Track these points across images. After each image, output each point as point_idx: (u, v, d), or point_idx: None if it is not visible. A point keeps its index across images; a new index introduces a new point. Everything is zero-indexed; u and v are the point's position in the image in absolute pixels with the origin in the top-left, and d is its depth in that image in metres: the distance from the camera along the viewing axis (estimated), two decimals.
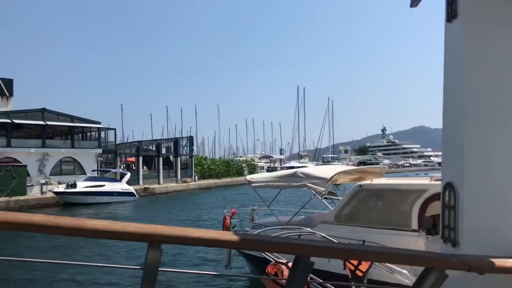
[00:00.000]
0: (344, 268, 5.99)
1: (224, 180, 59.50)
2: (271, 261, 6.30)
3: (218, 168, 63.42)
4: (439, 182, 7.64)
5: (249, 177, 11.73)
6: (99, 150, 44.58)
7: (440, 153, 3.86)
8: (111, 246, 16.53)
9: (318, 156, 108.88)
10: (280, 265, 6.01)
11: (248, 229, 10.75)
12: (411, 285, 2.67)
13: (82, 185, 35.02)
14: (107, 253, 15.89)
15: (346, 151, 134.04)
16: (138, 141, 69.85)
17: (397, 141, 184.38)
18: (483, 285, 2.70)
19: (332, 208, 10.17)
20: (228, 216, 10.71)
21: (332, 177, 9.92)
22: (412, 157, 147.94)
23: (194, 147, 63.19)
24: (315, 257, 2.48)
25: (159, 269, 2.04)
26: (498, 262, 2.52)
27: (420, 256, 2.63)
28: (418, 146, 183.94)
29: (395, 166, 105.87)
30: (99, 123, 46.23)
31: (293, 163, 75.99)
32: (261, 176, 12.03)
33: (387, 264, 6.72)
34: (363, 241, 7.61)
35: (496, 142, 3.01)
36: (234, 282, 11.37)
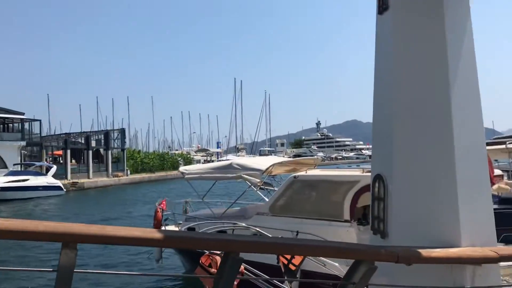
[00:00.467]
0: (278, 262, 5.97)
1: (158, 174, 58.45)
2: (205, 252, 6.14)
3: (152, 162, 62.03)
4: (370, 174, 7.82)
5: (182, 168, 11.47)
6: (23, 143, 41.97)
7: (371, 146, 3.94)
8: (26, 247, 15.08)
9: (255, 149, 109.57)
10: (214, 256, 5.87)
11: (181, 222, 10.52)
12: (342, 276, 2.65)
13: (2, 180, 32.85)
14: (22, 255, 14.52)
15: (282, 144, 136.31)
16: (66, 133, 66.63)
17: (330, 134, 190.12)
18: (410, 275, 2.73)
19: (267, 200, 10.20)
20: (160, 209, 10.37)
21: (268, 168, 9.95)
22: (344, 150, 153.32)
23: (127, 140, 61.50)
24: (245, 252, 2.40)
25: (75, 270, 1.88)
26: (425, 252, 2.56)
27: (350, 249, 2.62)
28: (351, 139, 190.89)
29: (329, 159, 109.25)
30: (23, 113, 43.49)
31: (230, 157, 75.87)
32: (195, 167, 11.81)
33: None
34: (297, 232, 7.66)
35: (425, 134, 3.06)
36: (165, 279, 11.05)
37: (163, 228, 9.96)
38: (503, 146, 11.25)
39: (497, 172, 11.35)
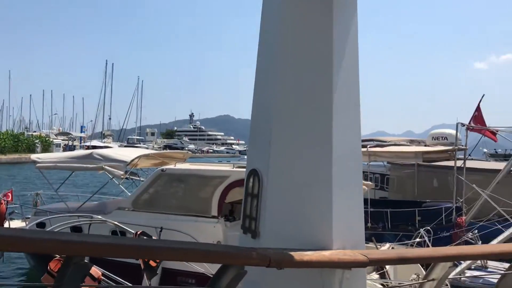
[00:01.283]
0: (137, 259, 5.50)
1: (10, 156, 54.60)
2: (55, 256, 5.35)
3: (4, 143, 57.64)
4: (241, 169, 7.73)
5: (34, 156, 10.28)
6: None
7: (241, 142, 3.75)
8: None
9: (123, 137, 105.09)
10: None
11: (29, 216, 9.38)
12: (205, 272, 2.37)
13: None
14: None
15: (153, 134, 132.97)
16: None
17: (203, 127, 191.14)
18: (280, 279, 2.55)
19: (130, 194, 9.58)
20: (4, 200, 9.07)
21: (133, 160, 9.38)
22: (216, 144, 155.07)
23: None
24: (93, 256, 2.07)
25: None
26: (297, 255, 2.38)
27: (219, 252, 2.33)
28: (222, 134, 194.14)
29: (200, 152, 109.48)
30: None
31: (95, 143, 72.05)
32: (50, 156, 10.76)
33: None
34: (161, 228, 7.31)
35: (305, 132, 2.89)
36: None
37: (6, 223, 8.75)
38: (365, 149, 12.20)
39: None
